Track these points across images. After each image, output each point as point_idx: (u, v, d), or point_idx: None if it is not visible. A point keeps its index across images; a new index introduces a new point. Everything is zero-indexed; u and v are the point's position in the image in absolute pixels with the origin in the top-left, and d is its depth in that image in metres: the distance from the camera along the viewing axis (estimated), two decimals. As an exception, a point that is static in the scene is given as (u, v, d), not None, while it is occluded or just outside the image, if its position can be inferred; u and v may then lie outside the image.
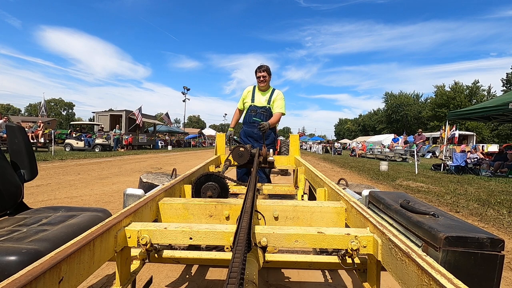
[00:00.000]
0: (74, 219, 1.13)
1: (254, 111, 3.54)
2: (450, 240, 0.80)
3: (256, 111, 3.54)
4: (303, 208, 1.31)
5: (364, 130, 67.33)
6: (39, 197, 4.27)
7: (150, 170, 8.33)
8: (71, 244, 0.73)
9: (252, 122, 3.53)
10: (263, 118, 3.52)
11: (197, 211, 1.32)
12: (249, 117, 3.57)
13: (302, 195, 2.66)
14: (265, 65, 3.54)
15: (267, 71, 3.54)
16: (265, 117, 3.53)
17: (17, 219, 1.15)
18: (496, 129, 40.10)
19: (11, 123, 1.59)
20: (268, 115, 3.54)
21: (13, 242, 0.88)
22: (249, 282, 0.74)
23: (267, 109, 3.54)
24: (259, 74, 3.52)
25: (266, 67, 3.53)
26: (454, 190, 6.14)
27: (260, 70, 3.51)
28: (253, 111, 3.54)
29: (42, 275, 0.60)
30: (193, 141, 35.58)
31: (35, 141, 13.89)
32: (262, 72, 3.50)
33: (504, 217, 3.96)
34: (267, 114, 3.55)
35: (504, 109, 8.74)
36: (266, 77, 3.53)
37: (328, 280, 2.03)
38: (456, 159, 9.85)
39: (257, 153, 2.78)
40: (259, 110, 3.54)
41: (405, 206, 1.08)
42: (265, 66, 3.53)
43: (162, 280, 1.95)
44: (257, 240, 0.96)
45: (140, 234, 0.97)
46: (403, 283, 0.75)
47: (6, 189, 1.31)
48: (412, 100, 57.77)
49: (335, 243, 0.96)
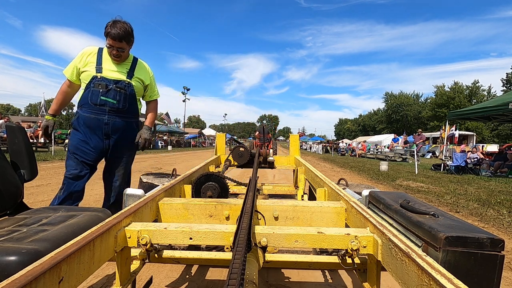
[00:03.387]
0: (74, 219, 1.13)
1: (103, 87, 2.16)
2: (450, 240, 0.80)
3: (108, 88, 2.17)
4: (303, 208, 1.31)
5: (364, 130, 67.31)
6: (39, 197, 4.26)
7: (150, 170, 8.33)
8: (71, 244, 0.73)
9: (101, 105, 2.17)
10: (122, 100, 2.23)
11: (197, 211, 1.32)
12: (92, 96, 2.15)
13: (302, 195, 2.66)
14: (124, 25, 2.13)
15: (127, 39, 2.15)
16: (124, 99, 2.24)
17: (17, 219, 1.15)
18: (496, 129, 40.08)
19: (11, 123, 1.59)
20: (129, 96, 2.26)
21: (13, 242, 0.88)
22: (249, 282, 0.74)
23: (126, 86, 2.24)
24: (113, 44, 2.12)
25: (125, 31, 2.11)
26: (454, 190, 6.14)
27: (115, 38, 2.09)
28: (101, 87, 2.16)
29: (42, 275, 0.60)
30: (193, 141, 35.59)
31: (35, 141, 13.89)
32: (118, 42, 2.11)
33: (504, 217, 3.95)
34: (128, 94, 2.25)
35: (504, 109, 8.74)
36: (125, 50, 2.19)
37: (328, 280, 2.03)
38: (456, 159, 9.85)
39: (257, 153, 2.78)
40: (113, 86, 2.18)
41: (405, 206, 1.08)
42: (123, 29, 2.10)
43: (162, 280, 1.95)
44: (257, 240, 0.96)
45: (140, 234, 0.97)
46: (403, 283, 0.75)
47: (6, 189, 1.31)
48: (412, 100, 57.74)
49: (335, 243, 0.96)
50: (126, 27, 2.15)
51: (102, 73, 2.21)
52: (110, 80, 2.22)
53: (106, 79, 2.20)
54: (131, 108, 2.34)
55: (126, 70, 2.31)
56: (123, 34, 2.12)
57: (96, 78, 2.18)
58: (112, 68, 2.26)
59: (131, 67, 2.35)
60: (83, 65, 2.21)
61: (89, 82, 2.17)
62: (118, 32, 2.10)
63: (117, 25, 2.11)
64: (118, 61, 2.27)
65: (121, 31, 2.11)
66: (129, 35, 2.18)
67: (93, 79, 2.18)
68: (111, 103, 2.21)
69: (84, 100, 2.20)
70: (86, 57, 2.22)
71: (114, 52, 2.17)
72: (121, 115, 2.27)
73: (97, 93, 2.17)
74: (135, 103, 2.37)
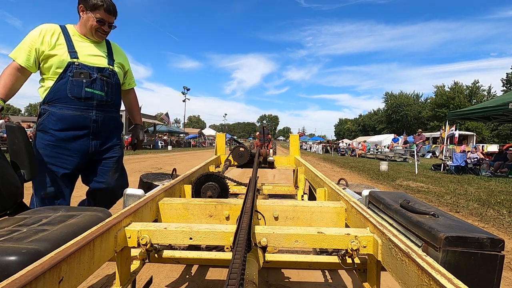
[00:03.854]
0: (74, 219, 1.13)
1: (86, 77, 1.77)
2: (450, 240, 0.80)
3: (92, 77, 1.80)
4: (303, 208, 1.31)
5: (364, 130, 67.31)
6: (39, 197, 4.26)
7: (150, 170, 8.33)
8: (71, 244, 0.73)
9: (87, 98, 1.79)
10: (110, 92, 1.90)
11: (197, 211, 1.32)
12: (74, 88, 1.75)
13: (302, 195, 2.66)
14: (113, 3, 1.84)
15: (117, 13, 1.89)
16: (111, 90, 1.91)
17: (17, 219, 1.15)
18: (496, 129, 40.09)
19: (11, 123, 1.59)
20: (115, 86, 1.94)
21: (13, 242, 0.88)
22: (249, 282, 0.74)
23: (111, 74, 1.90)
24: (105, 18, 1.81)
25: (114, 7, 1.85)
26: (454, 190, 6.14)
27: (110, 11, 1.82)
28: (83, 76, 1.77)
29: (42, 275, 0.60)
30: (193, 141, 35.60)
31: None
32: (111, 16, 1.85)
33: (504, 217, 3.95)
34: (114, 84, 1.93)
35: (504, 109, 8.74)
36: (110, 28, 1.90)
37: (328, 280, 2.03)
38: (456, 159, 9.85)
39: (257, 153, 2.78)
40: (98, 75, 1.82)
41: (405, 206, 1.08)
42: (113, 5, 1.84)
43: (162, 280, 1.95)
44: (257, 240, 0.96)
45: (140, 234, 0.97)
46: (403, 283, 0.75)
47: (6, 189, 1.31)
48: (412, 100, 57.74)
49: (335, 243, 0.96)
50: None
51: (78, 58, 1.77)
52: (92, 68, 1.81)
53: (86, 66, 1.79)
54: (117, 101, 2.01)
55: (105, 53, 1.92)
56: (115, 7, 1.84)
57: (73, 64, 1.75)
58: (89, 52, 1.84)
59: (108, 51, 1.96)
60: (47, 47, 1.72)
61: (64, 70, 1.73)
62: (111, 3, 1.81)
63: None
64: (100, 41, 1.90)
65: (113, 3, 1.82)
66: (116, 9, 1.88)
67: (70, 67, 1.74)
68: (98, 95, 1.83)
69: (58, 93, 1.73)
70: (48, 37, 1.73)
71: (104, 28, 1.83)
72: (108, 109, 1.92)
73: (79, 84, 1.75)
74: (119, 94, 2.03)
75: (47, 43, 1.73)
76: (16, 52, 1.72)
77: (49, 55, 1.73)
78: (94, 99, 1.82)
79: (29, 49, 1.71)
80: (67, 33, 1.81)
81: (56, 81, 1.74)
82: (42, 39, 1.72)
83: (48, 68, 1.74)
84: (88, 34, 1.85)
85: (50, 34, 1.75)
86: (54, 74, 1.74)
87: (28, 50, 1.71)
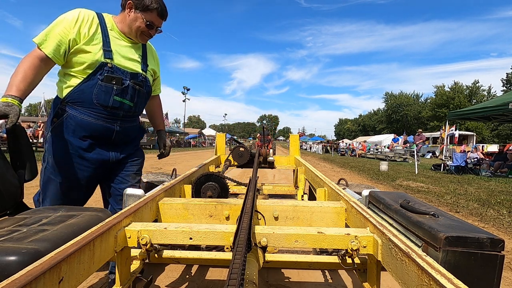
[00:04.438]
0: (74, 219, 1.13)
1: (118, 83, 1.54)
2: (450, 240, 0.80)
3: (124, 84, 1.56)
4: (303, 208, 1.31)
5: (364, 130, 67.33)
6: (39, 197, 4.26)
7: (150, 170, 8.33)
8: (71, 244, 0.73)
9: (114, 108, 1.55)
10: (139, 102, 1.68)
11: (197, 211, 1.32)
12: (101, 94, 1.50)
13: (302, 195, 2.67)
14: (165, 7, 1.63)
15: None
16: (141, 100, 1.70)
17: (17, 219, 1.15)
18: (496, 129, 40.09)
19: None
20: (145, 95, 1.73)
21: (13, 242, 0.88)
22: (249, 282, 0.74)
23: (143, 81, 1.67)
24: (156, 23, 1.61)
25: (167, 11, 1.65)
26: (454, 190, 6.14)
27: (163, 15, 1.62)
28: (115, 82, 1.53)
29: (42, 275, 0.60)
30: (193, 141, 35.61)
31: (35, 141, 13.89)
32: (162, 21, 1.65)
33: (504, 217, 3.95)
34: (144, 93, 1.71)
35: (504, 109, 8.74)
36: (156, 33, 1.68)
37: (328, 280, 2.03)
38: (456, 159, 9.85)
39: (257, 153, 2.78)
40: (130, 82, 1.58)
41: (405, 206, 1.08)
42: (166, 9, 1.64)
43: (162, 280, 1.95)
44: (257, 240, 0.96)
45: (140, 234, 0.97)
46: (403, 283, 0.75)
47: (6, 189, 1.31)
48: (412, 100, 57.76)
49: (335, 243, 0.96)
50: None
51: (113, 59, 1.52)
52: (125, 73, 1.56)
53: (120, 69, 1.54)
54: (142, 109, 1.80)
55: (139, 57, 1.66)
56: (167, 11, 1.65)
57: (106, 66, 1.49)
58: (125, 54, 1.58)
59: (143, 53, 1.70)
60: (82, 40, 1.45)
61: (94, 71, 1.47)
62: (165, 7, 1.61)
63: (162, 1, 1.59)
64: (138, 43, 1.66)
65: (165, 7, 1.63)
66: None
67: (101, 68, 1.48)
68: (127, 105, 1.60)
69: (82, 96, 1.48)
70: (86, 28, 1.46)
71: (151, 32, 1.63)
72: (133, 119, 1.71)
73: (109, 90, 1.51)
74: (146, 103, 1.81)
75: (83, 35, 1.45)
76: (42, 37, 1.40)
77: (81, 49, 1.45)
78: (121, 109, 1.58)
79: (60, 38, 1.41)
80: (104, 25, 1.54)
81: (83, 81, 1.48)
82: (78, 29, 1.44)
83: (76, 64, 1.47)
84: (129, 34, 1.60)
85: (88, 24, 1.48)
86: (81, 73, 1.48)
87: (58, 38, 1.41)
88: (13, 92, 1.27)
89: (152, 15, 1.56)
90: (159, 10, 1.57)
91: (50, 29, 1.42)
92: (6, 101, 1.23)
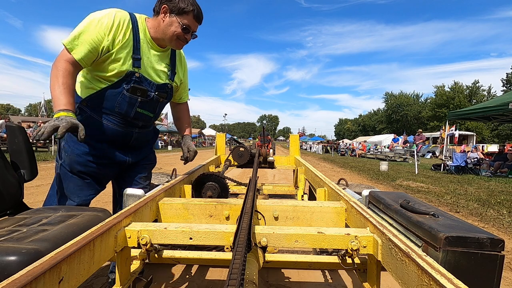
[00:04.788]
0: (74, 219, 1.13)
1: (143, 95, 1.50)
2: (450, 240, 0.80)
3: (149, 97, 1.53)
4: (303, 208, 1.31)
5: (364, 130, 67.35)
6: (39, 197, 4.27)
7: (150, 170, 8.31)
8: (71, 244, 0.73)
9: (135, 118, 1.54)
10: (158, 112, 1.68)
11: (197, 211, 1.32)
12: (124, 104, 1.47)
13: (302, 195, 2.67)
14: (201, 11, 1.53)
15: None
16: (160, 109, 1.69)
17: (17, 219, 1.15)
18: (496, 129, 40.09)
19: (11, 123, 1.59)
20: (165, 104, 1.72)
21: (13, 242, 0.88)
22: (249, 282, 0.74)
23: (169, 91, 1.64)
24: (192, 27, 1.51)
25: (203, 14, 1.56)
26: (454, 190, 6.14)
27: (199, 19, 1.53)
28: (140, 94, 1.48)
29: (42, 275, 0.60)
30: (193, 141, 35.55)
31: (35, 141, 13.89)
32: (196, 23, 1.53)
33: (504, 217, 3.96)
34: (165, 102, 1.70)
35: (504, 109, 8.74)
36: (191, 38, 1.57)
37: (328, 280, 2.03)
38: (456, 159, 9.85)
39: (257, 153, 2.78)
40: (155, 94, 1.55)
41: (405, 206, 1.08)
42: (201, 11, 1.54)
43: (162, 280, 1.95)
44: (257, 240, 0.96)
45: (140, 234, 0.97)
46: (403, 283, 0.75)
47: (6, 189, 1.31)
48: (412, 100, 57.77)
49: (335, 243, 0.96)
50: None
51: (141, 68, 1.45)
52: (152, 84, 1.51)
53: (146, 80, 1.49)
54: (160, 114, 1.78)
55: (167, 66, 1.60)
56: (203, 14, 1.55)
57: (134, 76, 1.43)
58: (153, 62, 1.52)
59: (172, 61, 1.63)
60: (115, 48, 1.37)
61: (120, 80, 1.42)
62: (199, 8, 1.51)
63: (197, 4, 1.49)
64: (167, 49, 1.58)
65: (201, 9, 1.53)
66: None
67: (129, 77, 1.42)
68: (147, 116, 1.59)
69: (104, 102, 1.45)
70: (120, 36, 1.38)
71: (187, 37, 1.52)
72: (151, 125, 1.73)
73: (133, 102, 1.47)
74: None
75: (116, 43, 1.38)
76: (73, 41, 1.31)
77: (111, 56, 1.38)
78: (141, 120, 1.57)
79: (94, 45, 1.33)
80: (137, 31, 1.45)
81: (107, 87, 1.42)
82: (112, 36, 1.36)
83: (103, 69, 1.41)
84: (163, 40, 1.51)
85: (123, 31, 1.39)
86: (107, 79, 1.42)
87: (91, 45, 1.32)
88: (62, 107, 1.25)
89: (188, 17, 1.47)
90: (195, 12, 1.48)
91: (82, 31, 1.32)
92: (58, 116, 1.21)
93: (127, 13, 1.44)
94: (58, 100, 1.25)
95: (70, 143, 1.51)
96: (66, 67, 1.30)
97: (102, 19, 1.34)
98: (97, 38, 1.33)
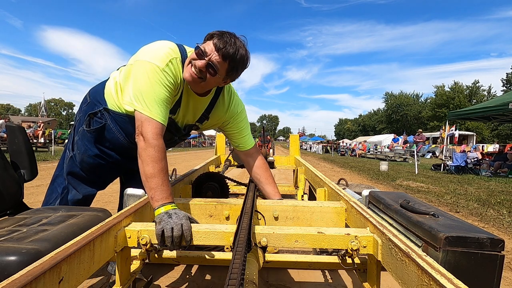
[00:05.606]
0: (74, 219, 1.13)
1: (167, 137, 1.38)
2: (450, 240, 0.80)
3: (172, 140, 1.57)
4: (303, 208, 1.31)
5: (364, 130, 67.35)
6: (39, 197, 4.26)
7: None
8: (71, 244, 0.73)
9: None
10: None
11: (197, 211, 1.32)
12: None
13: (302, 195, 2.66)
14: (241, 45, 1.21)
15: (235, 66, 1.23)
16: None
17: (17, 219, 1.15)
18: (496, 129, 40.09)
19: (11, 123, 1.59)
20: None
21: (13, 242, 0.88)
22: (249, 282, 0.74)
23: (189, 128, 1.56)
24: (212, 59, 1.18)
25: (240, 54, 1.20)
26: (454, 190, 6.14)
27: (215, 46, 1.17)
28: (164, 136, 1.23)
29: (42, 275, 0.60)
30: (193, 141, 35.61)
31: (35, 141, 13.89)
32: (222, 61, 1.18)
33: (504, 217, 3.95)
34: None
35: (504, 109, 8.74)
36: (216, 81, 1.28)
37: (328, 280, 2.03)
38: (456, 159, 9.85)
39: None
40: (177, 138, 1.58)
41: (405, 206, 1.08)
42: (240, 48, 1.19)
43: (162, 280, 1.95)
44: (257, 240, 0.96)
45: (140, 234, 0.97)
46: (403, 283, 0.75)
47: (6, 189, 1.31)
48: (412, 100, 57.78)
49: (335, 243, 0.96)
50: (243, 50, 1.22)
51: (174, 114, 1.38)
52: (179, 129, 1.47)
53: (176, 125, 1.44)
54: None
55: (202, 109, 1.45)
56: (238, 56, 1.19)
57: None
58: (190, 108, 1.41)
59: (210, 104, 1.45)
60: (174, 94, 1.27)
61: None
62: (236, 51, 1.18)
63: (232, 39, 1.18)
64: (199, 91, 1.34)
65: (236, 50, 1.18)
66: (241, 62, 1.24)
67: None
68: None
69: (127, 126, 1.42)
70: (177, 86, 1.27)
71: (202, 70, 1.19)
72: None
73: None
74: None
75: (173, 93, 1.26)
76: (152, 106, 1.15)
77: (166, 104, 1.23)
78: None
79: (168, 100, 1.21)
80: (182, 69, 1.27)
81: (132, 117, 1.25)
82: (173, 88, 1.23)
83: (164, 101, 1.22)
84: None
85: (178, 80, 1.26)
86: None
87: (166, 102, 1.20)
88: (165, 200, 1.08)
89: (210, 45, 1.18)
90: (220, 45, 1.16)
91: (152, 90, 1.16)
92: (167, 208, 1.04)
93: (179, 56, 1.25)
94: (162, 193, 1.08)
95: (84, 141, 1.50)
96: (159, 144, 1.14)
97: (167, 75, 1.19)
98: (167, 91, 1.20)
